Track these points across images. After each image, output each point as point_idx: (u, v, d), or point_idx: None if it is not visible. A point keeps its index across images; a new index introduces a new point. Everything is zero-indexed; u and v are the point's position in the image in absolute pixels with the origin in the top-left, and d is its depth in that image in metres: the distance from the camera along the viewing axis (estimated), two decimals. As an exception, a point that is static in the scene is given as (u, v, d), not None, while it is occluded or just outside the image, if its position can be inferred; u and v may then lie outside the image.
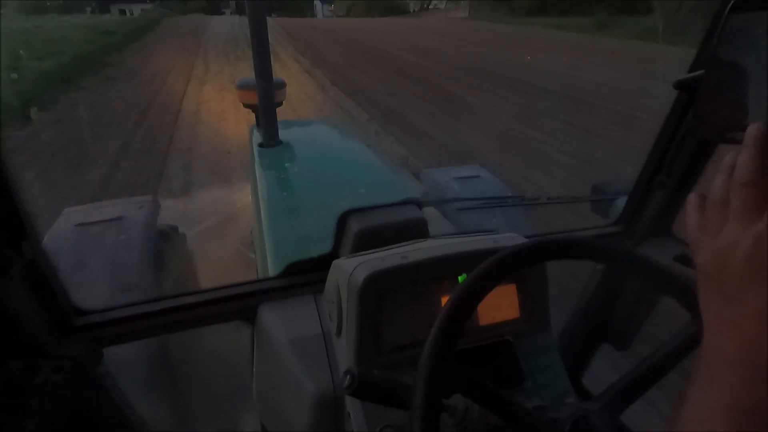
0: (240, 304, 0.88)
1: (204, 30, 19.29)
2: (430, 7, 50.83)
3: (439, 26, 25.17)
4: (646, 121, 5.70)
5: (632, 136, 5.20)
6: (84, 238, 1.57)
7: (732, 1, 0.67)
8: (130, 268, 1.42)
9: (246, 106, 2.26)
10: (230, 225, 2.60)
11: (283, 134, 1.98)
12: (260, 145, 1.96)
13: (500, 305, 0.75)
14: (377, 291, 0.65)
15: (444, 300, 0.70)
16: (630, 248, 0.48)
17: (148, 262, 1.50)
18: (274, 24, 24.48)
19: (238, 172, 3.95)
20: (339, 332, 0.72)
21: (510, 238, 0.75)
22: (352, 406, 0.68)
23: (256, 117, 2.19)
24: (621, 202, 1.14)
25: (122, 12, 32.10)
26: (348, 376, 0.46)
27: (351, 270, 0.67)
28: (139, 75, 10.08)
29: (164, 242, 1.82)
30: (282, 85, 2.27)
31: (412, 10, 52.65)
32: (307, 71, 10.57)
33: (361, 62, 11.89)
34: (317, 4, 53.28)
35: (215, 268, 2.14)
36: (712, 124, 0.74)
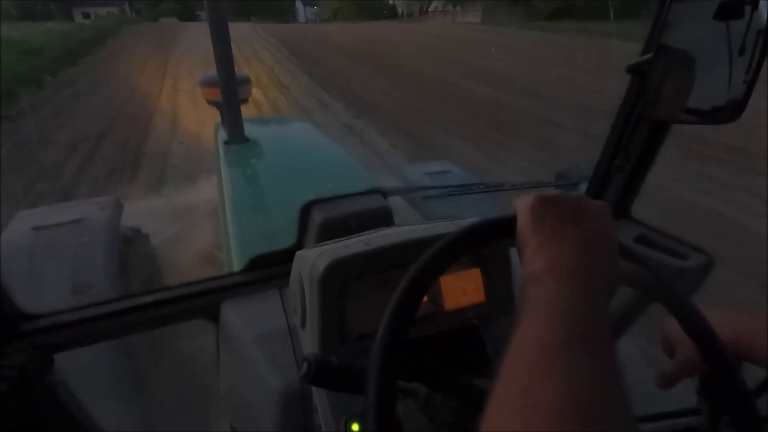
0: (202, 301, 0.85)
1: (174, 44, 15.38)
2: (430, 9, 47.88)
3: (460, 34, 21.07)
4: None
5: None
6: (41, 242, 1.50)
7: None
8: (90, 271, 1.36)
9: (210, 103, 2.21)
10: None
11: (249, 131, 1.94)
12: (225, 143, 1.91)
13: (465, 289, 0.75)
14: (339, 279, 0.64)
15: None
16: None
17: (110, 265, 1.44)
18: (264, 34, 20.77)
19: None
20: (303, 324, 0.70)
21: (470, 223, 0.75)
22: (318, 398, 0.66)
23: (221, 114, 2.14)
24: (584, 187, 1.17)
25: (86, 16, 29.86)
26: (305, 364, 0.45)
27: (313, 259, 0.66)
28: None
29: (126, 244, 1.76)
30: (246, 81, 2.23)
31: (401, 12, 50.25)
32: (367, 138, 5.82)
33: (421, 103, 7.34)
34: (298, 6, 51.44)
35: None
36: (662, 105, 0.77)
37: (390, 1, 51.82)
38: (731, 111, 0.71)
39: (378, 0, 51.38)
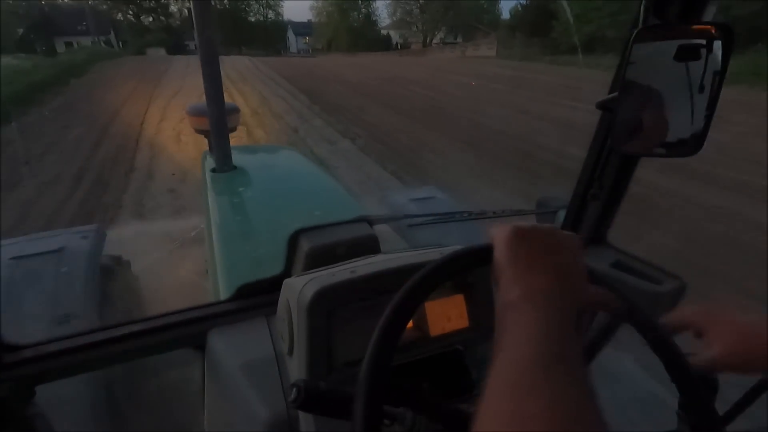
0: (188, 330, 0.85)
1: (158, 85, 12.72)
2: (434, 42, 45.81)
3: (496, 71, 17.85)
4: None
5: None
6: (20, 273, 1.47)
7: (635, 33, 0.76)
8: (70, 301, 1.34)
9: (198, 131, 2.22)
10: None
11: (236, 159, 1.96)
12: (213, 170, 1.93)
13: (449, 315, 0.77)
14: (326, 307, 0.66)
15: None
16: None
17: (91, 294, 1.42)
18: (267, 70, 18.47)
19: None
20: (291, 351, 0.71)
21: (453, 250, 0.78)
22: (305, 426, 0.67)
23: (209, 142, 2.16)
24: (562, 214, 1.21)
25: (69, 45, 28.49)
26: (294, 389, 0.46)
27: (300, 287, 0.67)
28: None
29: (108, 273, 1.73)
30: (235, 110, 2.26)
31: (395, 44, 48.91)
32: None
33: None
34: (290, 36, 51.59)
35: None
36: (629, 140, 0.82)
37: (384, 32, 51.47)
38: (694, 143, 0.76)
39: (372, 30, 50.83)
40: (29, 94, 10.04)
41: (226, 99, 1.92)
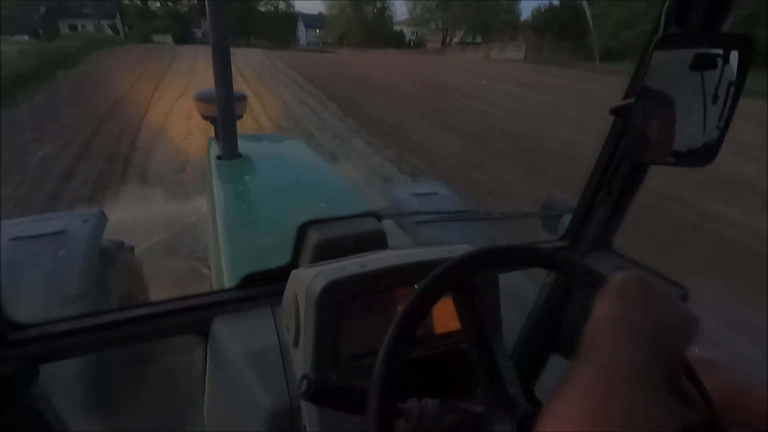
0: (193, 317, 0.85)
1: (159, 85, 10.86)
2: (454, 41, 43.94)
3: (542, 79, 16.05)
4: None
5: None
6: (20, 253, 1.47)
7: (655, 40, 0.75)
8: (67, 284, 1.34)
9: (205, 118, 2.22)
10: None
11: (242, 148, 1.96)
12: (218, 158, 1.92)
13: (455, 315, 0.77)
14: (335, 300, 0.66)
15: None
16: (551, 250, 0.51)
17: (91, 279, 1.41)
18: (284, 67, 16.77)
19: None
20: (296, 343, 0.71)
21: (464, 250, 0.78)
22: (308, 417, 0.67)
23: (215, 129, 2.16)
24: (568, 218, 1.21)
25: (73, 28, 26.59)
26: (305, 381, 0.46)
27: (309, 279, 0.67)
28: None
29: (109, 258, 1.73)
30: (243, 98, 2.26)
31: (407, 41, 47.39)
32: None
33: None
34: (300, 28, 50.81)
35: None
36: (642, 147, 0.82)
37: (397, 28, 49.97)
38: (707, 153, 0.76)
39: (384, 26, 49.31)
40: (3, 90, 8.00)
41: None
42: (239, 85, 10.17)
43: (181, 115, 7.73)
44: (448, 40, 44.72)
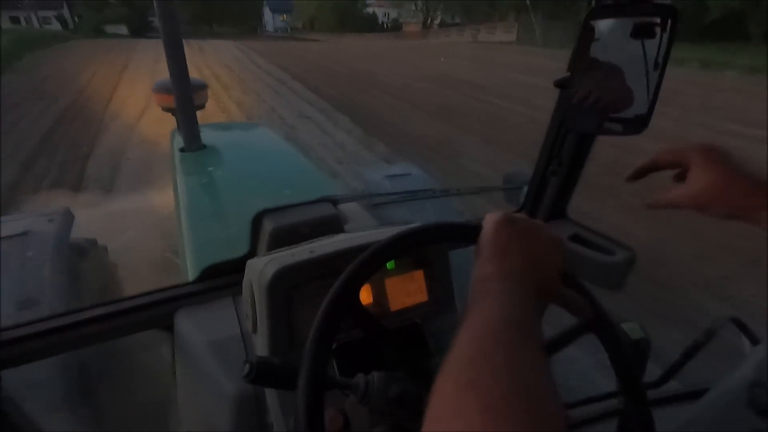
0: (156, 311, 0.86)
1: (112, 101, 7.94)
2: (435, 23, 40.12)
3: (535, 65, 13.32)
4: None
5: None
6: None
7: (589, 11, 0.77)
8: (36, 287, 1.32)
9: (165, 109, 2.17)
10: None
11: (205, 138, 1.93)
12: (181, 150, 1.89)
13: (409, 290, 0.80)
14: (286, 286, 0.68)
15: None
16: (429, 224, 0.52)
17: (60, 279, 1.40)
18: (264, 63, 14.69)
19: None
20: (255, 329, 0.73)
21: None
22: (270, 399, 0.70)
23: (177, 121, 2.11)
24: (526, 190, 1.25)
25: (15, 21, 23.44)
26: (247, 365, 0.49)
27: (261, 268, 0.69)
28: None
29: (80, 257, 1.70)
30: (202, 86, 2.21)
31: (381, 23, 44.40)
32: None
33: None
34: (266, 13, 47.00)
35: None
36: (580, 118, 0.85)
37: (370, 10, 46.91)
38: (640, 122, 0.80)
39: (356, 7, 45.84)
40: None
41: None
42: (218, 97, 8.41)
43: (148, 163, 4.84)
44: (429, 21, 41.44)
